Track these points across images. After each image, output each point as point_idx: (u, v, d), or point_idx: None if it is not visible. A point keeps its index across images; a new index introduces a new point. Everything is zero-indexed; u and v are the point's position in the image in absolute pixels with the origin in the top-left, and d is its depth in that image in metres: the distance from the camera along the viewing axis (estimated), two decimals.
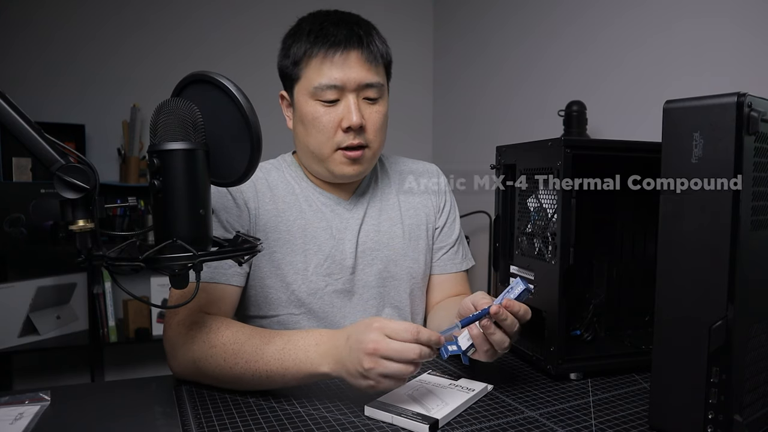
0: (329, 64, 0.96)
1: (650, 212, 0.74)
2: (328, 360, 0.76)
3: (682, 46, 1.71)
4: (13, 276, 2.39)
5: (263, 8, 2.84)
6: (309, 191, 1.07)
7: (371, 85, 0.99)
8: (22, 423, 0.70)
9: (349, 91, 0.97)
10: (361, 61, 0.98)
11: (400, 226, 1.11)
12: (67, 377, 2.55)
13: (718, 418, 0.63)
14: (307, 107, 0.99)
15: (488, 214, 2.53)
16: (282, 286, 1.01)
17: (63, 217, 0.62)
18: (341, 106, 0.98)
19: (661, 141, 0.67)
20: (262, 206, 1.02)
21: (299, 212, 1.05)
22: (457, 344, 0.79)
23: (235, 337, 0.83)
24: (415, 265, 1.11)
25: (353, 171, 1.01)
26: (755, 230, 0.64)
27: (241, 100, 0.68)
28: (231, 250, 0.71)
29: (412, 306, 1.12)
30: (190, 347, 0.85)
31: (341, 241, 1.05)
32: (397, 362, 0.71)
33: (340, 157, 0.99)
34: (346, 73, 0.96)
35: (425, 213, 1.15)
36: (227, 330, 0.85)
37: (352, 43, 0.97)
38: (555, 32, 2.27)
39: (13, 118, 0.60)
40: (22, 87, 2.43)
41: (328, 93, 0.97)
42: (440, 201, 1.18)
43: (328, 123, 0.98)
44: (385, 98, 1.04)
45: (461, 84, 3.00)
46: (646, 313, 1.03)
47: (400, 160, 1.21)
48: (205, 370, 0.83)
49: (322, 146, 0.99)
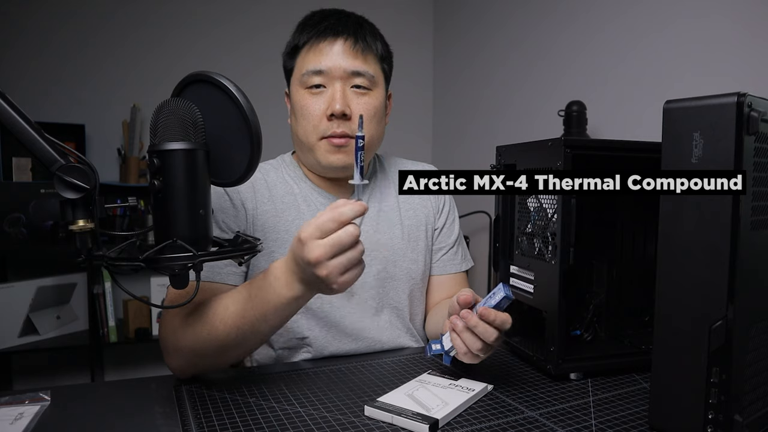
0: (316, 50, 0.99)
1: (650, 212, 0.74)
2: (294, 286, 0.76)
3: (682, 46, 1.71)
4: (13, 276, 2.39)
5: (263, 8, 2.84)
6: (308, 191, 1.07)
7: (359, 74, 0.99)
8: (22, 423, 0.70)
9: (335, 78, 0.99)
10: (348, 49, 0.99)
11: (399, 226, 1.11)
12: (67, 377, 2.55)
13: (718, 418, 0.63)
14: (296, 96, 1.01)
15: (488, 214, 2.53)
16: None
17: (63, 217, 0.62)
18: (327, 94, 0.99)
19: (661, 141, 0.67)
20: (260, 206, 1.03)
21: (298, 212, 1.05)
22: (441, 343, 0.79)
23: (207, 307, 0.84)
24: (414, 265, 1.11)
25: (338, 160, 1.00)
26: (755, 230, 0.64)
27: (241, 100, 0.68)
28: (231, 250, 0.71)
29: (411, 307, 1.12)
30: (184, 334, 0.85)
31: None
32: (343, 253, 0.70)
33: (325, 145, 1.00)
34: (332, 59, 0.98)
35: (424, 214, 1.15)
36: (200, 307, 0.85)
37: (339, 31, 1.00)
38: (555, 32, 2.28)
39: (13, 118, 0.61)
40: (22, 87, 2.43)
41: (314, 79, 0.99)
42: (439, 202, 1.18)
43: (315, 111, 0.99)
44: (379, 92, 1.04)
45: (461, 84, 3.00)
46: (646, 313, 1.03)
47: (400, 162, 1.21)
48: (197, 350, 0.84)
49: (309, 135, 1.00)
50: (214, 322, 0.82)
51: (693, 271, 0.64)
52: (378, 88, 1.04)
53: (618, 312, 1.03)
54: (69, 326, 2.45)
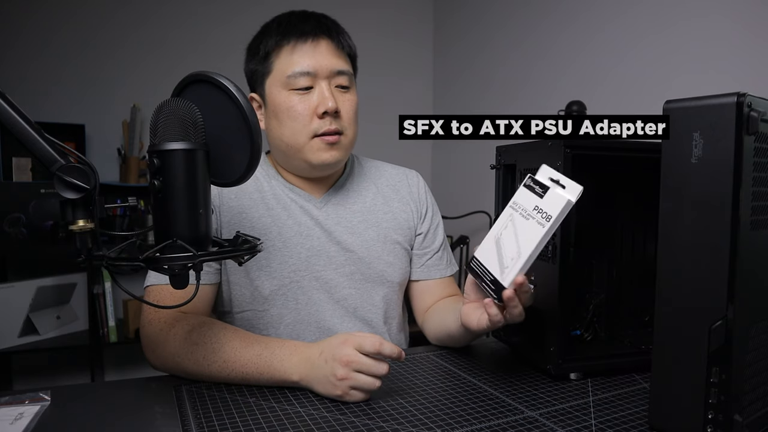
0: (300, 52, 0.99)
1: (650, 212, 0.74)
2: (300, 370, 0.82)
3: (682, 46, 1.71)
4: (13, 276, 2.39)
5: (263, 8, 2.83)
6: (278, 188, 1.07)
7: (342, 72, 1.01)
8: (22, 423, 0.70)
9: (322, 77, 0.99)
10: (331, 49, 1.01)
11: (374, 229, 1.10)
12: (67, 377, 2.55)
13: (718, 418, 0.63)
14: (280, 98, 1.00)
15: (488, 214, 2.53)
16: (246, 282, 1.02)
17: (63, 217, 0.62)
18: (315, 94, 0.99)
19: (661, 141, 0.67)
20: (225, 203, 1.03)
21: (266, 209, 1.05)
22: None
23: (216, 337, 0.86)
24: (390, 269, 1.10)
25: (331, 157, 1.01)
26: (755, 230, 0.64)
27: (241, 100, 0.68)
28: (231, 250, 0.71)
29: (385, 309, 1.11)
30: (171, 344, 0.88)
31: (309, 238, 1.05)
32: (367, 375, 0.77)
33: (318, 144, 1.00)
34: (318, 60, 0.99)
35: (404, 218, 1.14)
36: (208, 329, 0.87)
37: (321, 32, 1.01)
38: (555, 32, 2.28)
39: (13, 118, 0.60)
40: (22, 87, 2.43)
41: (302, 80, 0.98)
42: (421, 207, 1.17)
43: (304, 111, 0.99)
44: (355, 89, 1.06)
45: (461, 84, 3.00)
46: (646, 313, 1.03)
47: (380, 164, 1.20)
48: (184, 366, 0.87)
49: (297, 135, 1.00)
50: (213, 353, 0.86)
51: (693, 271, 0.64)
52: (354, 86, 1.06)
53: (618, 312, 1.03)
54: (69, 326, 2.45)
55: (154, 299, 0.95)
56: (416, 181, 1.20)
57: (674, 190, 0.66)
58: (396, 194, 1.16)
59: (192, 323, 0.89)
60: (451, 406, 0.78)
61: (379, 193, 1.14)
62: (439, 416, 0.75)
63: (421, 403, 0.79)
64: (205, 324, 0.89)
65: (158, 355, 0.90)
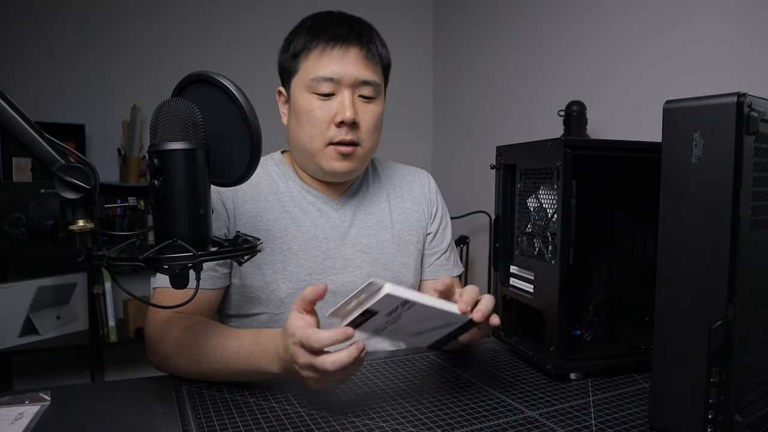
0: (328, 57, 0.97)
1: (650, 212, 0.74)
2: (276, 366, 0.78)
3: (682, 46, 1.71)
4: (13, 276, 2.39)
5: (263, 8, 2.84)
6: (295, 190, 1.07)
7: (368, 83, 0.99)
8: (22, 423, 0.70)
9: (345, 86, 0.98)
10: (360, 58, 0.98)
11: (390, 230, 1.10)
12: (67, 377, 2.55)
13: (718, 418, 0.63)
14: (302, 100, 0.99)
15: (488, 214, 2.53)
16: (261, 285, 1.01)
17: (63, 217, 0.62)
18: (336, 101, 0.98)
19: (661, 141, 0.67)
20: (241, 205, 1.03)
21: (282, 211, 1.04)
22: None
23: (201, 336, 0.86)
24: (404, 269, 1.11)
25: (343, 167, 1.00)
26: (755, 230, 0.64)
27: (241, 100, 0.68)
28: (231, 250, 0.71)
29: None
30: (167, 345, 0.88)
31: (326, 240, 1.05)
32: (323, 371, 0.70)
33: (331, 152, 0.99)
34: (344, 67, 0.97)
35: (416, 219, 1.14)
36: (199, 330, 0.87)
37: (351, 39, 0.98)
38: (555, 32, 2.27)
39: (13, 118, 0.60)
40: (22, 87, 2.43)
41: (324, 85, 0.97)
42: (432, 207, 1.18)
43: (322, 117, 0.98)
44: (381, 100, 1.04)
45: (461, 84, 3.00)
46: (646, 313, 1.03)
47: (392, 165, 1.20)
48: (178, 367, 0.87)
49: (313, 140, 0.99)
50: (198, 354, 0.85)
51: (693, 271, 0.64)
52: (380, 96, 1.04)
53: (618, 312, 1.03)
54: (69, 326, 2.45)
55: (158, 301, 0.95)
56: (427, 181, 1.20)
57: (674, 190, 0.66)
58: (408, 194, 1.16)
59: (187, 324, 0.89)
60: (451, 406, 0.78)
61: (393, 194, 1.14)
62: (439, 416, 0.75)
63: (421, 403, 0.79)
64: (198, 324, 0.89)
65: (156, 355, 0.90)
